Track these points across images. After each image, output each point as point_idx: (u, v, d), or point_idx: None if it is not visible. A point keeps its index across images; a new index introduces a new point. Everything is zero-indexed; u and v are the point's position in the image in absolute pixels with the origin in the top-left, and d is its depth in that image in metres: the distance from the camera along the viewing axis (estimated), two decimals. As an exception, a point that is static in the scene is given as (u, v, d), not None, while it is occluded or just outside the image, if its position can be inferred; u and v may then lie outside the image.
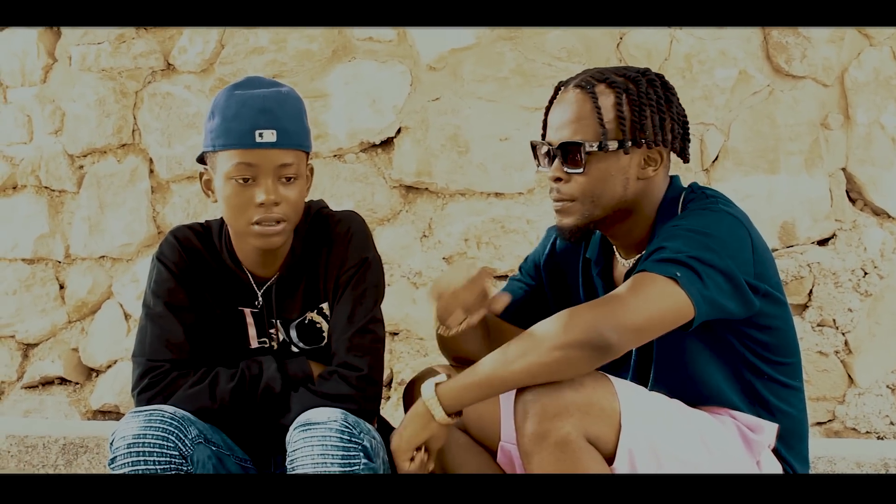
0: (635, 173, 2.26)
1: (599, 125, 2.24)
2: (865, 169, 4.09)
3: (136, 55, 4.24)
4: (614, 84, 2.26)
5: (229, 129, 2.30)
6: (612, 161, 2.24)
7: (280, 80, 2.39)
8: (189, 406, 2.31)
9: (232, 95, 2.32)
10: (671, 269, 2.10)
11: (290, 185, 2.33)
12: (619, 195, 2.26)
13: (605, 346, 2.05)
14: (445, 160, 4.00)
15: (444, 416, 2.17)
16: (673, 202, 2.30)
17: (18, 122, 4.42)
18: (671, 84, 2.33)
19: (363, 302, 2.40)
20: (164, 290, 2.42)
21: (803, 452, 2.34)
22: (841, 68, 4.07)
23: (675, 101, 2.31)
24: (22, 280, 4.41)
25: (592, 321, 2.05)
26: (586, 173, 2.24)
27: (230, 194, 2.32)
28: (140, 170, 4.27)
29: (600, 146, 2.23)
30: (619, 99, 2.25)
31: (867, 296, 4.03)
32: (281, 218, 2.32)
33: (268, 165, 2.30)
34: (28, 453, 3.31)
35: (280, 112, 2.31)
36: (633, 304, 2.07)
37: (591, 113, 2.25)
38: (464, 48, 4.01)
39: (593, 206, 2.26)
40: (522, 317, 2.47)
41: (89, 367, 4.36)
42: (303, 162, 2.36)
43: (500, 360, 2.11)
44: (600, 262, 2.39)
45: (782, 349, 2.29)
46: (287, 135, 2.31)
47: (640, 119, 2.24)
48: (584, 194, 2.26)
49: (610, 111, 2.25)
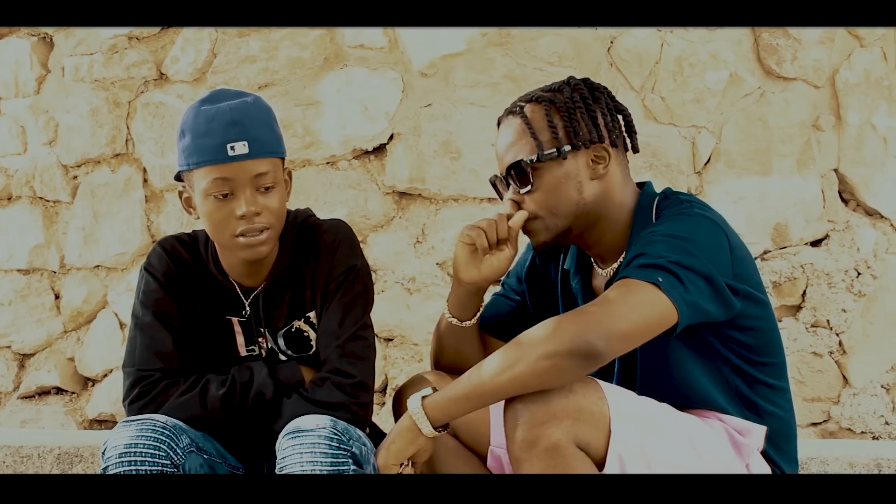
0: (586, 174, 2.29)
1: (534, 139, 2.29)
2: (857, 169, 4.09)
3: (128, 65, 4.25)
4: (540, 99, 2.33)
5: (200, 146, 2.30)
6: (555, 170, 2.29)
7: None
8: (180, 414, 2.32)
9: (199, 112, 2.32)
10: (653, 275, 2.10)
11: (269, 194, 2.33)
12: (576, 200, 2.29)
13: (592, 353, 2.05)
14: (438, 166, 4.01)
15: (431, 430, 2.18)
16: (646, 209, 2.31)
17: (12, 134, 4.43)
18: (598, 83, 2.37)
19: (353, 309, 2.40)
20: (152, 301, 2.42)
21: (792, 453, 2.34)
22: (832, 69, 4.08)
23: (604, 97, 2.35)
24: (17, 291, 4.42)
25: (579, 329, 2.05)
26: (536, 188, 2.30)
27: (210, 210, 2.32)
28: (134, 179, 4.28)
29: (538, 158, 2.28)
30: (547, 111, 2.31)
31: (861, 296, 4.03)
32: (264, 227, 2.33)
33: (244, 177, 2.30)
34: (23, 463, 3.31)
35: (248, 122, 2.31)
36: (619, 311, 2.08)
37: (524, 131, 2.31)
38: (455, 54, 4.01)
39: (555, 218, 2.30)
40: (508, 331, 2.48)
41: (85, 377, 4.36)
42: (279, 168, 2.36)
43: (487, 371, 2.11)
44: (579, 273, 2.40)
45: (766, 350, 2.30)
46: (259, 144, 2.31)
47: (570, 123, 2.29)
48: (542, 208, 2.30)
49: (541, 123, 2.30)
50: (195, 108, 2.33)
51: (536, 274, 2.51)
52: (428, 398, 2.18)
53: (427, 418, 2.17)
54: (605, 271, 2.35)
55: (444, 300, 2.51)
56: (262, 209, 2.32)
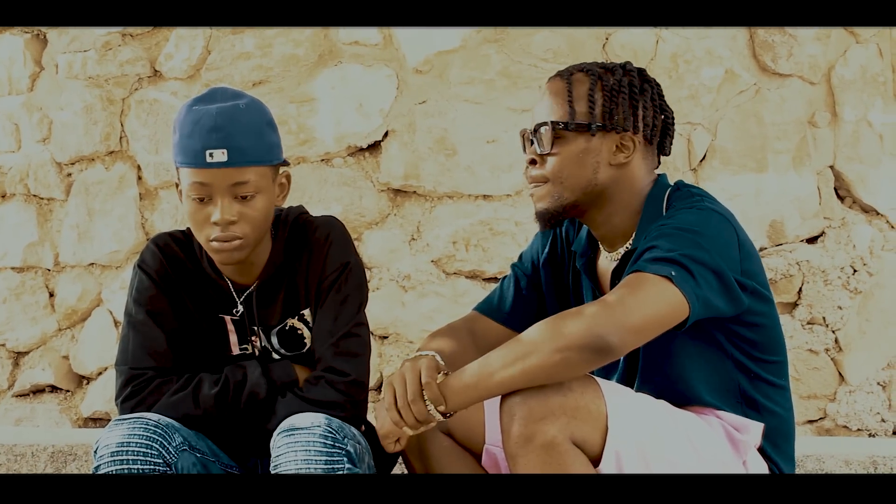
0: (606, 158, 2.28)
1: (568, 105, 2.28)
2: (853, 166, 4.09)
3: (122, 62, 4.23)
4: (590, 72, 2.31)
5: (184, 147, 2.29)
6: (580, 143, 2.28)
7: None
8: (173, 413, 2.31)
9: (189, 112, 2.30)
10: (666, 269, 2.10)
11: (249, 202, 2.30)
12: (589, 178, 2.28)
13: (605, 348, 2.05)
14: (433, 163, 4.00)
15: (439, 416, 2.15)
16: (658, 199, 2.30)
17: (6, 131, 4.41)
18: (652, 78, 2.35)
19: (347, 307, 2.39)
20: (145, 298, 2.41)
21: (789, 452, 2.34)
22: (827, 66, 4.07)
23: (654, 92, 2.33)
24: (12, 289, 4.40)
25: (592, 323, 2.04)
26: (555, 153, 2.29)
27: (190, 211, 2.32)
28: (128, 177, 4.26)
29: (566, 126, 2.27)
30: (592, 85, 2.29)
31: (857, 293, 4.03)
32: (236, 236, 2.31)
33: (222, 184, 2.28)
34: (17, 461, 3.30)
35: (233, 129, 2.28)
36: (632, 305, 2.07)
37: (563, 95, 2.30)
38: (450, 51, 4.00)
39: (562, 188, 2.29)
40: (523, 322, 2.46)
41: (80, 375, 4.35)
42: (264, 176, 2.32)
43: (496, 362, 2.10)
44: (585, 255, 2.40)
45: (769, 347, 2.29)
46: (239, 152, 2.28)
47: (610, 104, 2.28)
48: (554, 175, 2.29)
49: (582, 94, 2.29)
50: (188, 106, 2.32)
51: (555, 260, 2.50)
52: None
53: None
54: (612, 255, 2.34)
55: (439, 297, 2.50)
56: (238, 217, 2.29)
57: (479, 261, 3.98)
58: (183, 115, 2.31)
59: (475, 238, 3.99)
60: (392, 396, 2.16)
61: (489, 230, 3.99)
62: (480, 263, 3.98)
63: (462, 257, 3.99)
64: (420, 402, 2.13)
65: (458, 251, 3.99)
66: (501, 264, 3.94)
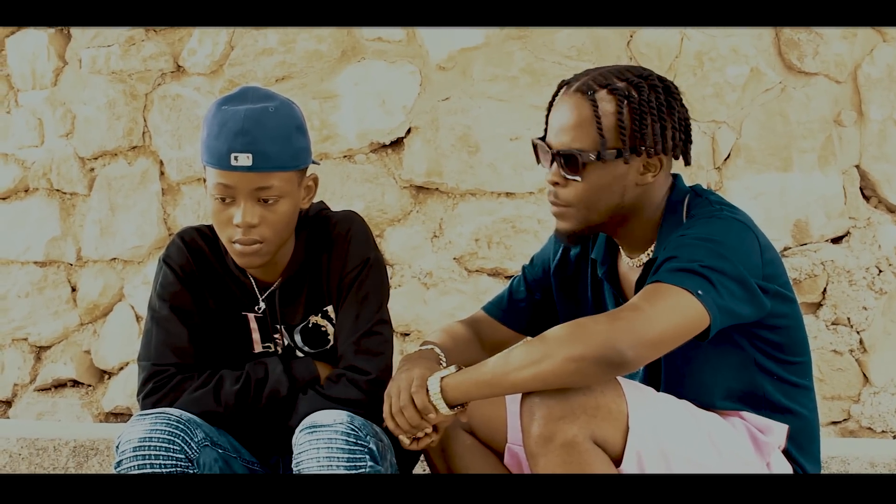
0: (633, 180, 2.23)
1: (599, 134, 2.20)
2: (879, 166, 4.06)
3: (145, 57, 4.24)
4: (616, 90, 2.22)
5: (210, 148, 2.28)
6: (610, 170, 2.21)
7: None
8: (194, 409, 2.31)
9: (218, 111, 2.29)
10: (686, 280, 2.08)
11: (272, 206, 2.29)
12: (616, 202, 2.24)
13: (621, 362, 2.03)
14: (456, 160, 4.00)
15: (447, 409, 2.16)
16: (677, 205, 2.27)
17: (30, 126, 4.43)
18: (675, 87, 2.28)
19: (368, 304, 2.39)
20: (169, 294, 2.41)
21: (815, 453, 2.32)
22: (854, 65, 4.05)
23: (678, 105, 2.26)
24: (34, 283, 4.42)
25: (610, 336, 2.02)
26: (584, 181, 2.22)
27: (213, 210, 2.31)
28: (150, 172, 4.27)
29: (598, 156, 2.20)
30: (619, 106, 2.21)
31: (882, 294, 4.01)
32: (257, 240, 2.29)
33: (244, 188, 2.26)
34: (38, 456, 3.31)
35: (259, 133, 2.25)
36: (651, 317, 2.04)
37: (591, 120, 2.21)
38: (473, 48, 3.99)
39: (589, 213, 2.24)
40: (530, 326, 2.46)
41: (101, 370, 4.37)
42: (290, 181, 2.30)
43: (511, 362, 2.09)
44: (606, 262, 2.38)
45: (793, 348, 2.27)
46: (265, 158, 2.26)
47: (640, 128, 2.20)
48: (581, 201, 2.23)
49: (610, 119, 2.20)
50: (217, 104, 2.31)
51: (566, 268, 2.47)
52: (447, 378, 2.16)
53: (443, 398, 2.15)
54: (632, 261, 2.32)
55: (460, 295, 2.49)
56: (260, 221, 2.28)
57: (502, 258, 3.97)
58: (212, 114, 2.30)
59: (497, 236, 3.98)
60: (388, 406, 2.19)
61: (512, 228, 3.98)
62: (503, 261, 3.97)
63: (484, 255, 3.98)
64: (411, 408, 2.16)
65: (480, 249, 3.99)
66: (524, 262, 3.91)
